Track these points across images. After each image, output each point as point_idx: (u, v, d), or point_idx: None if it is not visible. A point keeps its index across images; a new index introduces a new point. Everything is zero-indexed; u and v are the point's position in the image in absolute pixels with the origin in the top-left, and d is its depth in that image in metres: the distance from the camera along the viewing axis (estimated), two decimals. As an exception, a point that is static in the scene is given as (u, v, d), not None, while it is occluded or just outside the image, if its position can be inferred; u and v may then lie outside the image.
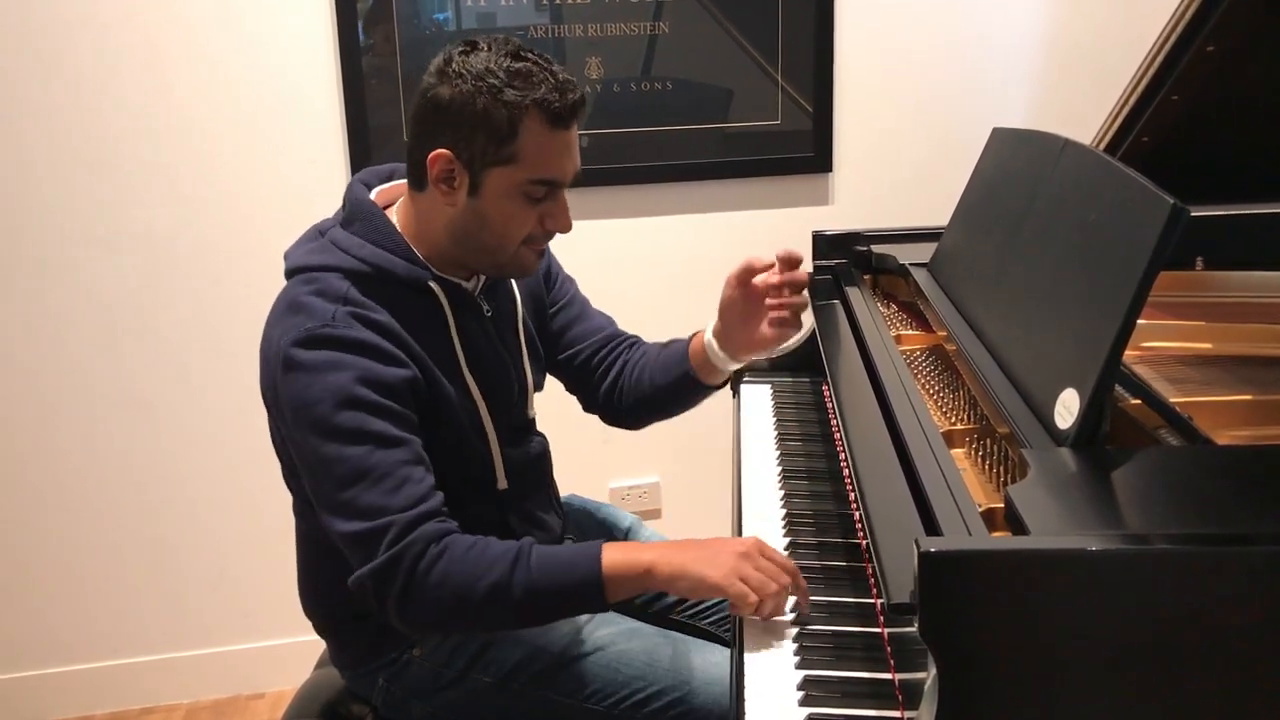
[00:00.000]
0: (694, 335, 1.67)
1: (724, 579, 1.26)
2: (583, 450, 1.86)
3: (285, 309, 1.37)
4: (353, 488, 1.28)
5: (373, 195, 1.48)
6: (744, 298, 1.56)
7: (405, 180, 1.46)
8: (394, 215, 1.46)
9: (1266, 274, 1.77)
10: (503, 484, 1.51)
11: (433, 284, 1.42)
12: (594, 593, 1.29)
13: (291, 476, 1.50)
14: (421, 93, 1.35)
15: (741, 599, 1.25)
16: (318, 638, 1.62)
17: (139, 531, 2.56)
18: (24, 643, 2.57)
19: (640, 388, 1.68)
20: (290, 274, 1.42)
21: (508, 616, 1.32)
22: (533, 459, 1.60)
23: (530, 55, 1.33)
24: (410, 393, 1.35)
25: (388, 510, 1.27)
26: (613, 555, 1.29)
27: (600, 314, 1.77)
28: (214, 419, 2.52)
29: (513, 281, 1.58)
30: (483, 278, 1.50)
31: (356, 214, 1.43)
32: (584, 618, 1.52)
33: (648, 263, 2.66)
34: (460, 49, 1.34)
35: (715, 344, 1.60)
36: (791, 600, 1.31)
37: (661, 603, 1.72)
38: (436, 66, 1.35)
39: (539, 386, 1.65)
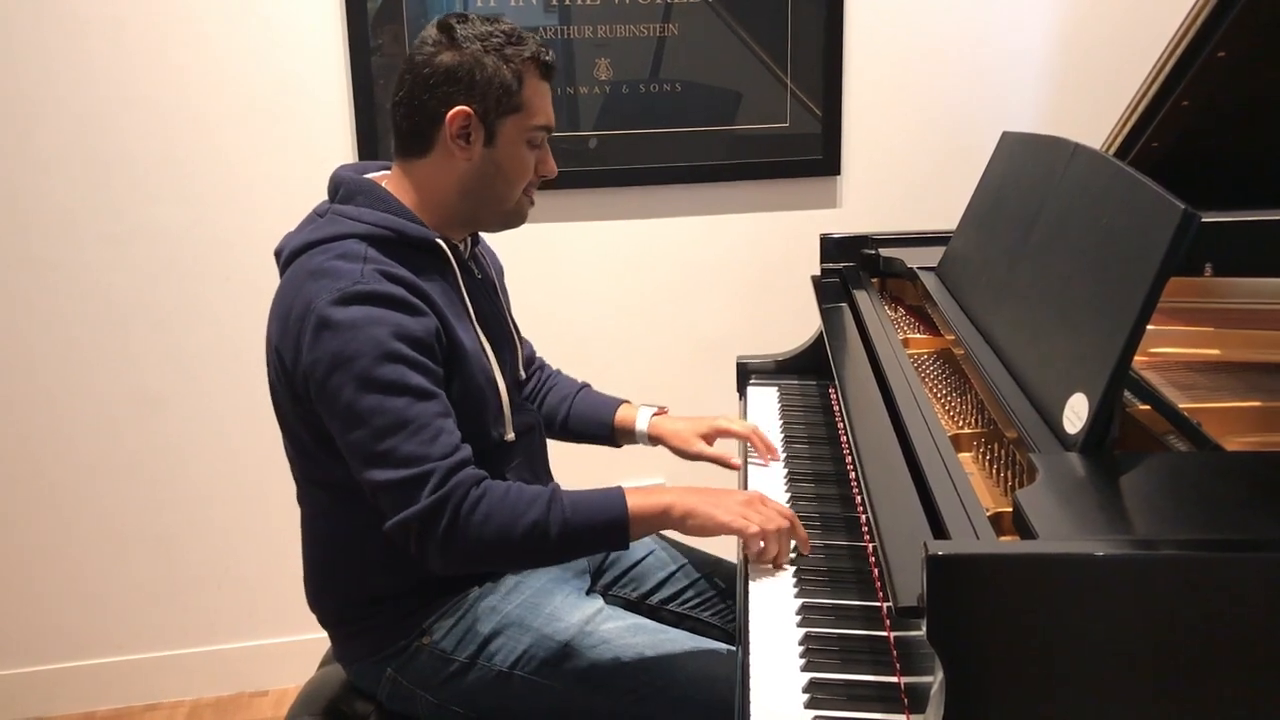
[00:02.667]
0: (622, 404, 1.82)
1: (730, 518, 1.41)
2: (587, 449, 1.86)
3: (307, 276, 1.41)
4: (392, 438, 1.34)
5: None
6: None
7: (380, 173, 1.55)
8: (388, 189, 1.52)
9: (1275, 280, 1.77)
10: (510, 435, 1.56)
11: (440, 241, 1.49)
12: (620, 531, 1.40)
13: (296, 450, 1.52)
14: (422, 63, 1.45)
15: (743, 531, 1.40)
16: (322, 635, 1.62)
17: (145, 528, 2.56)
18: (28, 638, 2.58)
19: (552, 420, 1.82)
20: (297, 253, 1.45)
21: (542, 553, 1.41)
22: (531, 423, 1.65)
23: (508, 22, 1.49)
24: (435, 344, 1.42)
25: (429, 458, 1.34)
26: (634, 497, 1.41)
27: None
28: (223, 417, 2.52)
29: (485, 255, 1.68)
30: (469, 244, 1.59)
31: (356, 190, 1.49)
32: (591, 610, 1.54)
33: (655, 264, 2.66)
34: (456, 19, 1.47)
35: (647, 435, 1.79)
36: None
37: (661, 594, 1.75)
38: (433, 38, 1.46)
39: (524, 350, 1.75)
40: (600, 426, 1.80)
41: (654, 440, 1.79)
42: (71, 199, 2.37)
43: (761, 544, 1.40)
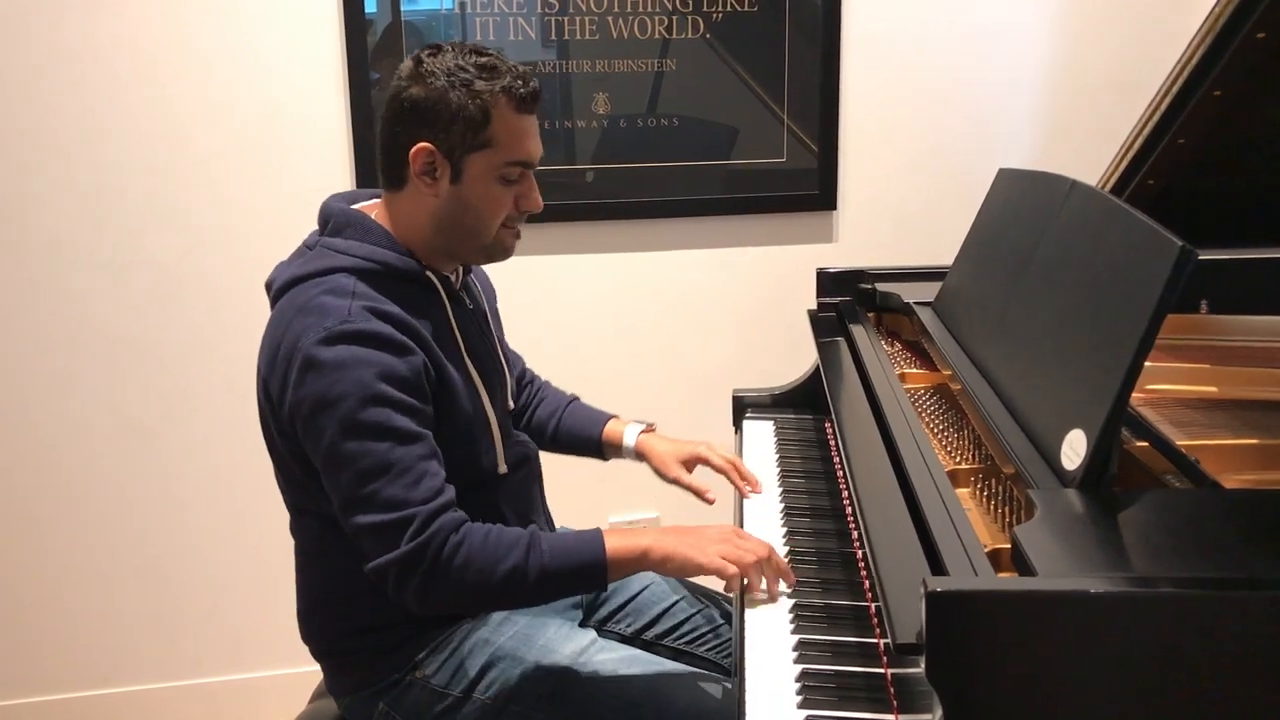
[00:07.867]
0: (610, 419, 1.82)
1: (707, 559, 1.40)
2: (581, 484, 1.86)
3: (296, 312, 1.40)
4: (375, 482, 1.34)
5: None
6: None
7: (371, 201, 1.55)
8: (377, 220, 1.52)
9: (1270, 318, 1.77)
10: (503, 468, 1.56)
11: (429, 274, 1.49)
12: (598, 574, 1.40)
13: (287, 482, 1.51)
14: (394, 96, 1.44)
15: (721, 571, 1.40)
16: (311, 670, 1.61)
17: (132, 560, 2.54)
18: (12, 670, 2.54)
19: (542, 433, 1.82)
20: (286, 286, 1.45)
21: (521, 597, 1.42)
22: (524, 454, 1.64)
23: (491, 51, 1.45)
24: (424, 382, 1.41)
25: (410, 503, 1.34)
26: (613, 540, 1.41)
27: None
28: (212, 449, 2.51)
29: (477, 283, 1.67)
30: (460, 274, 1.58)
31: (345, 222, 1.49)
32: (584, 642, 1.53)
33: (651, 297, 2.66)
34: (428, 51, 1.44)
35: (634, 451, 1.79)
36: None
37: (658, 628, 1.73)
38: (407, 70, 1.44)
39: (514, 370, 1.75)
40: (588, 441, 1.81)
41: (640, 456, 1.79)
42: (63, 228, 2.37)
43: (745, 580, 1.40)
